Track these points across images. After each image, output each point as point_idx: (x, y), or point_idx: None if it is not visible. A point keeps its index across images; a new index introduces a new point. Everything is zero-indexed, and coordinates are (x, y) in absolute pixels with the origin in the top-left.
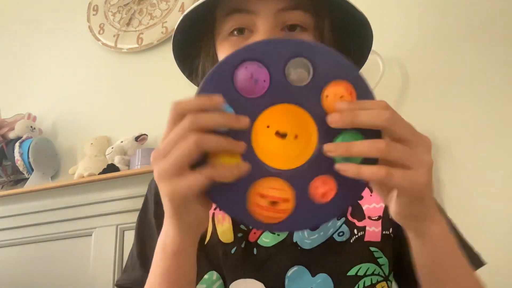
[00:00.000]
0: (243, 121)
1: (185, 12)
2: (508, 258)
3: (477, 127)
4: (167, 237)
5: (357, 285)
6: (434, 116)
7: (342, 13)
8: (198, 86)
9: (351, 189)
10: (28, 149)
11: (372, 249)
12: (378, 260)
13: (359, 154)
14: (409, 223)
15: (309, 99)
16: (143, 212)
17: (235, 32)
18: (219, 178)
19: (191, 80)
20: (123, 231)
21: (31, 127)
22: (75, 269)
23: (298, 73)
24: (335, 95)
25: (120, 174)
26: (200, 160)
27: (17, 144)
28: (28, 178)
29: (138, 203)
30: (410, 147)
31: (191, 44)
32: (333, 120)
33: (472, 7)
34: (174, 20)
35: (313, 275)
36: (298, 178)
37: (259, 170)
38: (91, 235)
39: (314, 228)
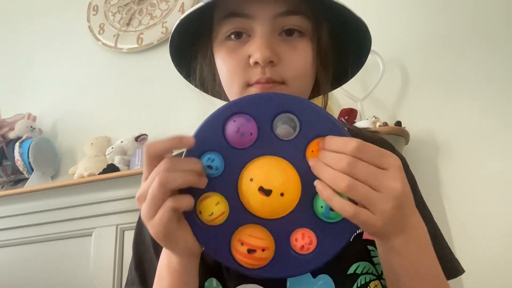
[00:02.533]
0: (202, 181)
1: (183, 16)
2: (508, 258)
3: (477, 127)
4: (170, 258)
5: (355, 284)
6: (434, 116)
7: (340, 17)
8: (195, 86)
9: (331, 244)
10: (28, 149)
11: (370, 247)
12: (373, 259)
13: (327, 180)
14: (376, 240)
15: (295, 153)
16: (139, 224)
17: (233, 36)
18: (179, 206)
19: (190, 81)
20: (123, 231)
21: (31, 127)
22: (75, 269)
23: (285, 128)
24: (315, 151)
25: (120, 174)
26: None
27: (17, 144)
28: (28, 178)
29: None
30: (376, 177)
31: (188, 46)
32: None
33: (473, 7)
34: (174, 20)
35: (314, 276)
36: (280, 228)
37: (243, 217)
38: (91, 235)
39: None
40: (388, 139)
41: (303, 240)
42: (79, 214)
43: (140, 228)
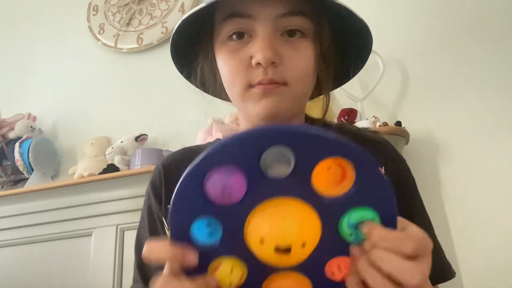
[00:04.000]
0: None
1: (185, 16)
2: (508, 257)
3: (477, 127)
4: None
5: None
6: (434, 116)
7: (341, 18)
8: (196, 87)
9: None
10: (28, 149)
11: None
12: None
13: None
14: None
15: (299, 186)
16: (140, 224)
17: (234, 37)
18: None
19: (190, 82)
20: (123, 231)
21: (31, 127)
22: (75, 269)
23: (277, 166)
24: (323, 168)
25: (120, 174)
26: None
27: (17, 144)
28: (28, 178)
29: (138, 203)
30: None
31: (189, 46)
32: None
33: (473, 7)
34: (174, 20)
35: None
36: (311, 267)
37: (264, 271)
38: (91, 235)
39: None
40: (388, 139)
41: (340, 272)
42: (79, 214)
43: (141, 227)
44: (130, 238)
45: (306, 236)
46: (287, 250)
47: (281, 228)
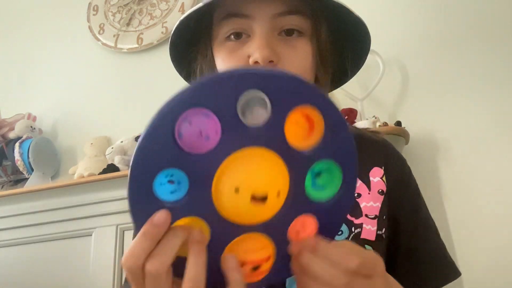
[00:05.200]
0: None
1: (182, 17)
2: (508, 257)
3: (477, 127)
4: None
5: None
6: (434, 116)
7: (339, 17)
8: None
9: (332, 225)
10: (28, 149)
11: (367, 247)
12: None
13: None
14: None
15: (273, 135)
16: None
17: (232, 37)
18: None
19: (189, 83)
20: (123, 231)
21: (31, 127)
22: (75, 269)
23: (255, 111)
24: (292, 123)
25: (120, 174)
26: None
27: (17, 144)
28: (28, 178)
29: None
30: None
31: (188, 47)
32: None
33: (472, 7)
34: (174, 20)
35: None
36: (275, 226)
37: (228, 232)
38: (91, 235)
39: None
40: (388, 139)
41: (306, 229)
42: (79, 214)
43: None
44: (130, 238)
45: (280, 185)
46: (263, 198)
47: (258, 175)
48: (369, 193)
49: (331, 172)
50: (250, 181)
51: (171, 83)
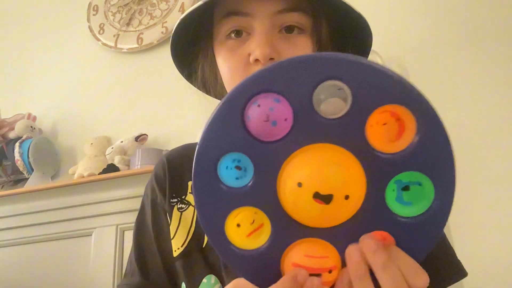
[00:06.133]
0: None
1: (183, 15)
2: (508, 257)
3: (477, 126)
4: None
5: None
6: None
7: (340, 15)
8: (197, 88)
9: (414, 249)
10: (28, 149)
11: None
12: None
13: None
14: None
15: (351, 134)
16: (140, 217)
17: (233, 35)
18: None
19: (191, 82)
20: (123, 231)
21: (31, 127)
22: (75, 269)
23: (332, 101)
24: (378, 123)
25: (120, 174)
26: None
27: (17, 144)
28: (28, 178)
29: (138, 203)
30: None
31: (189, 46)
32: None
33: (472, 7)
34: (174, 20)
35: None
36: (344, 237)
37: (292, 232)
38: (91, 235)
39: None
40: None
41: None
42: (79, 214)
43: (141, 221)
44: (130, 238)
45: (351, 188)
46: (328, 198)
47: (324, 173)
48: None
49: (421, 186)
50: (316, 176)
51: (171, 83)
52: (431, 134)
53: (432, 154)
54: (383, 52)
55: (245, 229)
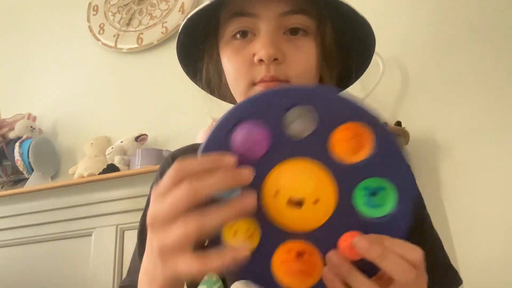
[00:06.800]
0: (244, 175)
1: (190, 15)
2: (508, 257)
3: (477, 126)
4: (155, 275)
5: None
6: (434, 116)
7: (344, 17)
8: (201, 88)
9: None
10: (28, 149)
11: None
12: None
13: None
14: None
15: (318, 148)
16: (145, 215)
17: (238, 36)
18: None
19: (196, 82)
20: (123, 231)
21: (31, 127)
22: (75, 269)
23: (298, 123)
24: (342, 138)
25: (120, 174)
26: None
27: (17, 144)
28: (28, 178)
29: (138, 203)
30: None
31: (194, 46)
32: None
33: (472, 7)
34: (174, 20)
35: None
36: (323, 238)
37: (278, 236)
38: (91, 235)
39: None
40: None
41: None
42: (79, 214)
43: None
44: (130, 238)
45: (320, 193)
46: (299, 203)
47: (297, 180)
48: None
49: (385, 190)
50: (289, 185)
51: (171, 83)
52: (386, 145)
53: (389, 161)
54: (384, 52)
55: (241, 236)
